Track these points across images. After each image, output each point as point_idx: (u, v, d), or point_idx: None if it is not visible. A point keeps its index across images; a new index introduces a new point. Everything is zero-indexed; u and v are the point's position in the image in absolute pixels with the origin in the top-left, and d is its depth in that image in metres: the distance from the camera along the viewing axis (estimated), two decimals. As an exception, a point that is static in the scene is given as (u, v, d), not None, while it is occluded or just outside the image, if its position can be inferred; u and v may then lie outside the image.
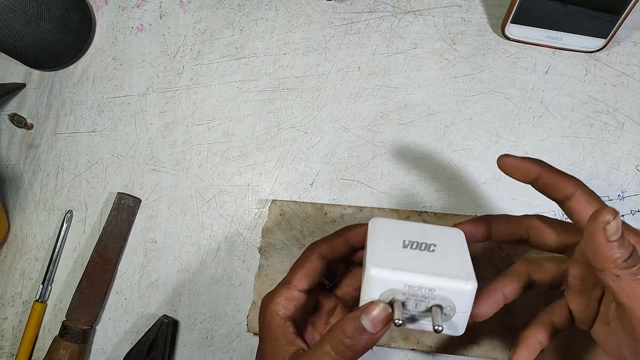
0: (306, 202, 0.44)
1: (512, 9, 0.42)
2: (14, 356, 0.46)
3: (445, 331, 0.28)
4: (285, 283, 0.31)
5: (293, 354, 0.29)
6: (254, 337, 0.44)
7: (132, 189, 0.48)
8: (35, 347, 0.47)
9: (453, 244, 0.29)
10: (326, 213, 0.44)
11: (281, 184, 0.46)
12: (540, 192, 0.29)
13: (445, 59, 0.46)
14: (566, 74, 0.44)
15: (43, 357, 0.45)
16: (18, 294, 0.48)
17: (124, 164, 0.49)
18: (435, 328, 0.26)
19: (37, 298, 0.47)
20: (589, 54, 0.44)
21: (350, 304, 0.35)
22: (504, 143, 0.44)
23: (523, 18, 0.43)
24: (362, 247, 0.32)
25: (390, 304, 0.27)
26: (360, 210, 0.43)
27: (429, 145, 0.45)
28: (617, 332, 0.26)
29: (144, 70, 0.51)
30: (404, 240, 0.29)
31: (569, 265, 0.28)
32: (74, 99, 0.51)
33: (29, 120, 0.52)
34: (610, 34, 0.42)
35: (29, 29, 0.47)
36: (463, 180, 0.44)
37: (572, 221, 0.28)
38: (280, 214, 0.44)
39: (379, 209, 0.43)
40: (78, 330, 0.44)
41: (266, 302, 0.31)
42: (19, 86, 0.52)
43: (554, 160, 0.42)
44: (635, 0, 0.39)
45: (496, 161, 0.29)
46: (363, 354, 0.27)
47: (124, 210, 0.47)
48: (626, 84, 0.44)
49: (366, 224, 0.31)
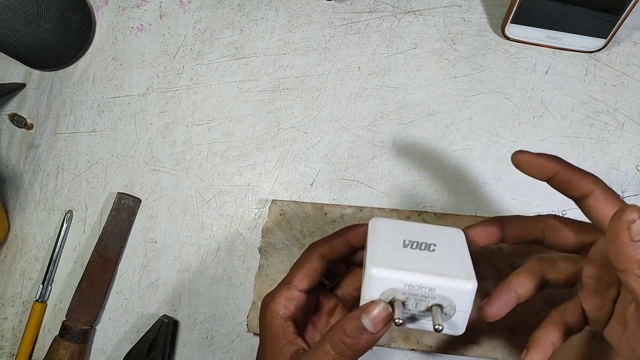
0: (306, 202, 0.44)
1: (512, 9, 0.42)
2: (14, 356, 0.46)
3: (446, 330, 0.28)
4: (285, 283, 0.32)
5: (294, 353, 0.29)
6: (254, 337, 0.44)
7: (132, 189, 0.48)
8: (35, 347, 0.47)
9: (453, 244, 0.29)
10: (326, 213, 0.44)
11: (281, 184, 0.46)
12: (556, 190, 0.28)
13: (445, 59, 0.46)
14: (566, 74, 0.44)
15: (43, 357, 0.45)
16: (18, 294, 0.48)
17: (124, 164, 0.49)
18: (436, 327, 0.26)
19: (37, 298, 0.47)
20: (589, 54, 0.44)
21: (351, 304, 0.35)
22: (504, 143, 0.44)
23: (523, 18, 0.43)
24: (363, 247, 0.32)
25: (391, 303, 0.27)
26: (360, 210, 0.43)
27: (429, 145, 0.45)
28: (635, 333, 0.24)
29: (144, 70, 0.51)
30: (404, 240, 0.29)
31: (583, 264, 0.27)
32: (74, 99, 0.51)
33: (29, 120, 0.52)
34: (610, 34, 0.42)
35: (29, 29, 0.46)
36: (463, 180, 0.44)
37: (590, 220, 0.27)
38: (280, 214, 0.44)
39: (379, 209, 0.43)
40: (78, 330, 0.44)
41: (267, 302, 0.31)
42: (19, 86, 0.52)
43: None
44: (635, 0, 0.39)
45: (510, 157, 0.28)
46: (363, 354, 0.27)
47: (124, 210, 0.47)
48: (626, 84, 0.44)
49: (366, 224, 0.31)
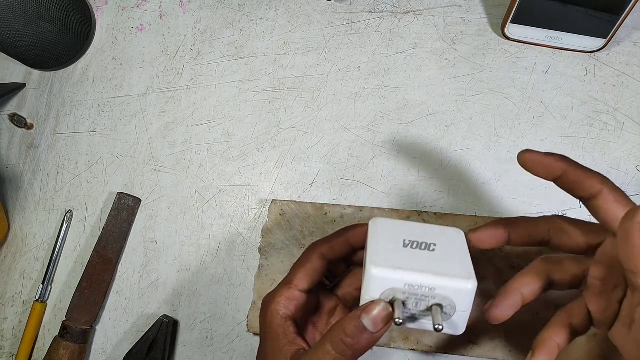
0: (306, 202, 0.44)
1: (512, 9, 0.42)
2: (14, 356, 0.46)
3: (446, 330, 0.28)
4: (286, 283, 0.32)
5: (294, 353, 0.29)
6: (254, 337, 0.44)
7: (132, 189, 0.48)
8: (35, 347, 0.47)
9: (453, 244, 0.29)
10: (326, 213, 0.44)
11: (281, 184, 0.46)
12: (563, 190, 0.28)
13: (445, 59, 0.46)
14: (566, 74, 0.44)
15: (43, 357, 0.45)
16: (18, 294, 0.48)
17: (124, 164, 0.49)
18: (436, 327, 0.26)
19: (37, 298, 0.47)
20: (589, 54, 0.44)
21: (351, 304, 0.35)
22: (504, 143, 0.44)
23: (523, 18, 0.43)
24: (363, 247, 0.32)
25: (391, 303, 0.27)
26: (360, 210, 0.43)
27: (429, 145, 0.45)
28: None
29: (144, 70, 0.51)
30: (404, 240, 0.29)
31: (590, 266, 0.27)
32: (74, 99, 0.51)
33: (29, 120, 0.52)
34: (610, 34, 0.42)
35: (29, 29, 0.46)
36: (463, 180, 0.44)
37: (598, 221, 0.27)
38: (280, 214, 0.44)
39: (379, 209, 0.43)
40: (78, 330, 0.44)
41: (267, 302, 0.31)
42: (19, 86, 0.52)
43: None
44: (635, 0, 0.39)
45: (517, 157, 0.28)
46: (364, 354, 0.27)
47: (124, 210, 0.47)
48: (626, 84, 0.44)
49: (366, 224, 0.31)
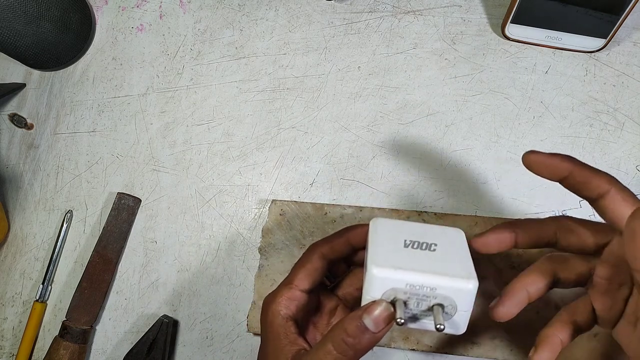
0: (306, 202, 0.44)
1: (512, 9, 0.42)
2: (14, 356, 0.46)
3: (447, 330, 0.28)
4: (286, 283, 0.32)
5: (295, 353, 0.29)
6: (254, 337, 0.44)
7: (132, 189, 0.48)
8: (35, 347, 0.47)
9: (454, 244, 0.29)
10: (326, 213, 0.44)
11: (281, 184, 0.46)
12: (570, 190, 0.28)
13: (445, 59, 0.46)
14: (566, 74, 0.44)
15: (43, 357, 0.44)
16: (18, 294, 0.48)
17: (124, 164, 0.49)
18: (437, 327, 0.26)
19: (37, 298, 0.47)
20: (589, 54, 0.44)
21: (352, 304, 0.35)
22: (504, 143, 0.44)
23: (523, 18, 0.43)
24: (363, 248, 0.32)
25: (392, 303, 0.27)
26: (360, 210, 0.43)
27: (429, 145, 0.45)
28: None
29: (144, 70, 0.51)
30: (405, 240, 0.29)
31: (596, 265, 0.26)
32: (74, 99, 0.51)
33: (29, 120, 0.52)
34: (610, 34, 0.42)
35: (29, 29, 0.46)
36: (463, 180, 0.44)
37: (606, 221, 0.27)
38: (280, 214, 0.44)
39: (379, 209, 0.43)
40: (78, 330, 0.44)
41: (268, 302, 0.31)
42: (19, 86, 0.52)
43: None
44: (635, 0, 0.39)
45: (521, 158, 0.28)
46: (365, 353, 0.27)
47: (124, 210, 0.47)
48: (626, 84, 0.44)
49: (367, 224, 0.31)
